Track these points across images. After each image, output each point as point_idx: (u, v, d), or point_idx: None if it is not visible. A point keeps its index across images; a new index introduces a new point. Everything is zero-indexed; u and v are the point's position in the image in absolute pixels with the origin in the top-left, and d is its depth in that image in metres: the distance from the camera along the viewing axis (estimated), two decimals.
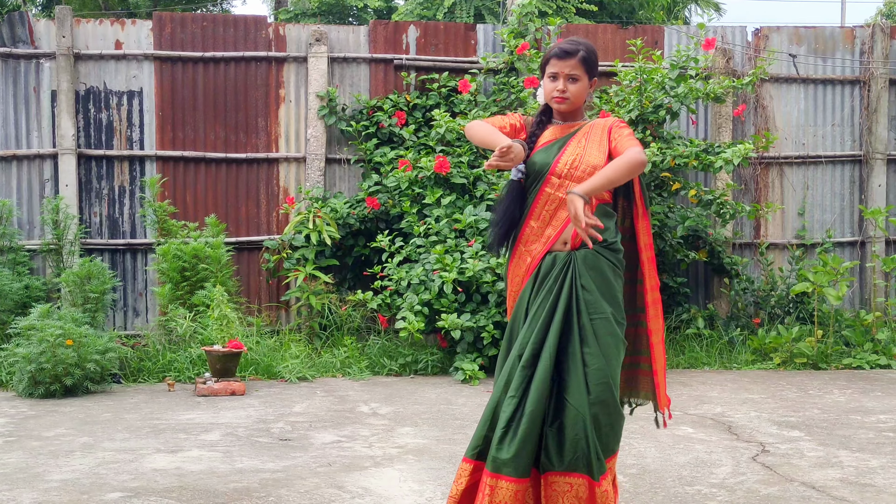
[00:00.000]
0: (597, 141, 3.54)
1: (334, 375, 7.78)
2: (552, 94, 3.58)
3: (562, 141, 3.57)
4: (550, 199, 3.52)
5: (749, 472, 4.83)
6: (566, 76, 3.55)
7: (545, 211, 3.53)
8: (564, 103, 3.58)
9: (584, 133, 3.59)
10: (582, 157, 3.51)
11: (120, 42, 8.75)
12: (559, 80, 3.56)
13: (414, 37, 9.18)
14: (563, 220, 3.49)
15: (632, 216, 3.66)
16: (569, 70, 3.54)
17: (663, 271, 8.73)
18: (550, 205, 3.52)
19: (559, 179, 3.50)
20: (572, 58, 3.54)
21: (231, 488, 4.52)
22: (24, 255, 8.36)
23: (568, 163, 3.50)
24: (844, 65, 9.64)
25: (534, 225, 3.55)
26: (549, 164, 3.52)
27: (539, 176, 3.54)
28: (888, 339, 8.54)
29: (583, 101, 3.63)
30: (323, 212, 8.47)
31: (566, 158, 3.51)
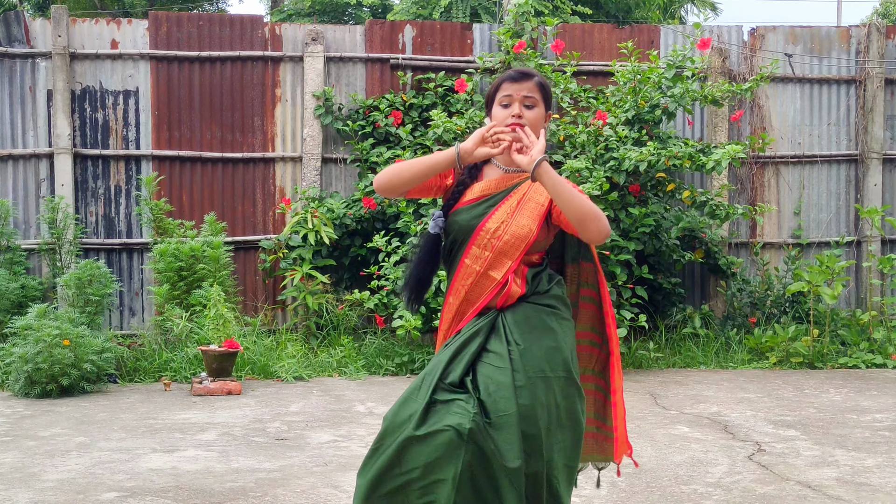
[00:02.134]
0: (533, 203, 2.95)
1: (331, 375, 7.78)
2: (506, 122, 2.94)
3: (496, 198, 2.98)
4: (468, 272, 2.95)
5: (745, 472, 4.84)
6: (522, 99, 2.97)
7: (461, 286, 2.97)
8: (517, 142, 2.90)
9: (523, 189, 2.99)
10: (509, 221, 2.92)
11: (116, 41, 8.74)
12: (514, 105, 2.96)
13: (410, 36, 9.17)
14: (480, 297, 2.94)
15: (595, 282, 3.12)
16: (525, 92, 2.97)
17: (659, 271, 8.74)
18: (466, 279, 2.96)
19: (479, 250, 2.93)
20: (528, 80, 2.98)
21: (227, 488, 4.52)
22: (21, 254, 8.35)
23: (491, 230, 2.92)
24: (840, 64, 9.65)
25: (452, 301, 3.00)
26: (473, 229, 2.94)
27: (459, 242, 2.99)
28: (884, 338, 8.55)
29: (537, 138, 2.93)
30: (320, 212, 8.47)
31: (491, 224, 2.93)
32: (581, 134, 8.24)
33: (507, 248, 2.91)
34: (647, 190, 8.51)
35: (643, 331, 8.59)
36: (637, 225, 8.12)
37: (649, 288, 8.53)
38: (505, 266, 2.91)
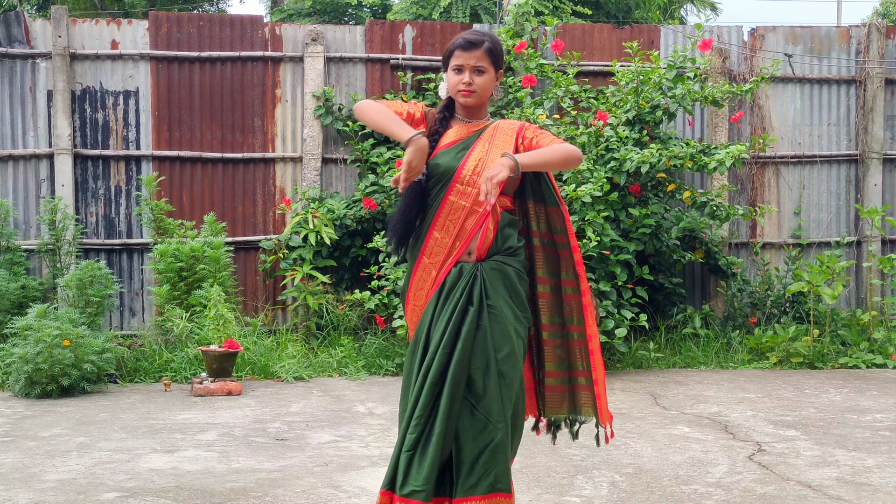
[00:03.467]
0: (502, 143, 3.33)
1: (331, 375, 7.78)
2: (457, 88, 3.34)
3: (466, 142, 3.37)
4: (455, 207, 3.30)
5: (745, 472, 4.84)
6: (472, 68, 3.32)
7: (449, 221, 3.31)
8: (471, 96, 3.35)
9: (489, 135, 3.38)
10: (485, 161, 3.30)
11: (116, 42, 8.74)
12: (464, 72, 3.33)
13: (410, 36, 9.18)
14: (469, 229, 3.29)
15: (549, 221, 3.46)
16: (474, 61, 3.32)
17: (659, 272, 8.74)
18: (455, 214, 3.30)
19: (463, 186, 3.30)
20: (478, 48, 3.32)
21: (227, 488, 4.52)
22: (21, 255, 8.35)
23: (471, 169, 3.30)
24: (840, 64, 9.65)
25: (437, 236, 3.33)
26: (454, 168, 3.32)
27: (443, 181, 3.33)
28: (884, 338, 8.55)
29: (489, 95, 3.40)
30: (320, 212, 8.47)
31: (470, 164, 3.31)
32: (581, 135, 8.24)
33: None
34: (648, 190, 8.51)
35: (643, 331, 8.59)
36: (637, 225, 8.12)
37: (650, 288, 8.53)
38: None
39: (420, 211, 3.38)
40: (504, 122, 3.44)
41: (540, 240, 3.46)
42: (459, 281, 3.28)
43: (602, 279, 7.87)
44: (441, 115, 3.46)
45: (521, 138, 3.35)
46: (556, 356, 3.52)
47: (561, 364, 3.53)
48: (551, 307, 3.49)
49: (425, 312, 3.33)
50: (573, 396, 3.57)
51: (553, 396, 3.58)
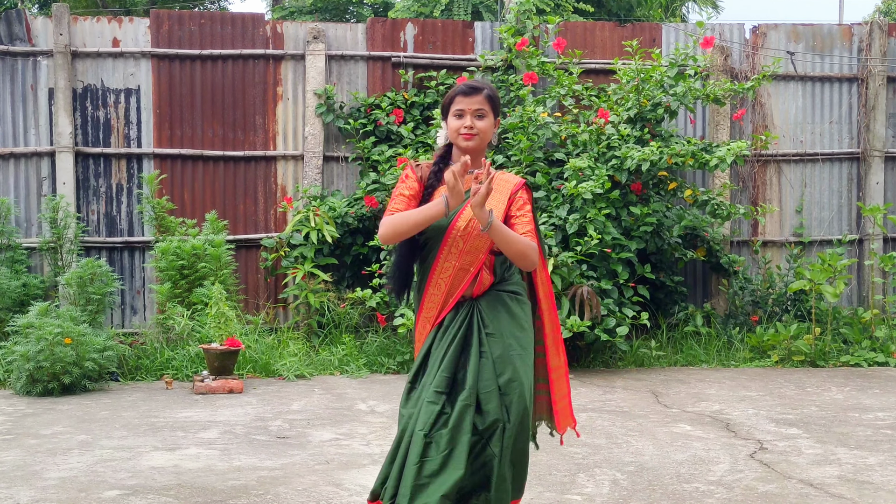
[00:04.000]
0: (495, 201, 3.39)
1: (332, 373, 7.78)
2: (459, 131, 3.39)
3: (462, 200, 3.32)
4: (445, 266, 3.37)
5: (747, 470, 4.84)
6: (473, 112, 3.39)
7: (441, 279, 3.38)
8: (473, 140, 3.39)
9: None
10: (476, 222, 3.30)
11: (117, 40, 8.74)
12: (466, 116, 3.39)
13: (412, 34, 9.17)
14: (459, 286, 3.37)
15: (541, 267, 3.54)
16: (476, 106, 3.39)
17: (661, 270, 8.73)
18: (446, 272, 3.38)
19: (454, 244, 3.35)
20: (478, 94, 3.40)
21: (229, 486, 4.52)
22: (22, 253, 8.35)
23: (462, 227, 3.34)
24: (842, 62, 9.64)
25: (433, 292, 3.41)
26: (445, 228, 3.35)
27: (436, 237, 3.38)
28: (886, 336, 8.54)
29: (489, 140, 3.45)
30: (321, 210, 8.47)
31: (461, 222, 3.34)
32: (583, 133, 8.23)
33: (478, 241, 3.34)
34: (649, 188, 8.50)
35: (645, 329, 8.59)
36: (639, 223, 8.12)
37: (651, 286, 8.52)
38: (477, 259, 3.36)
39: (413, 259, 3.48)
40: (502, 176, 3.49)
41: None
42: (457, 317, 3.39)
43: (604, 277, 7.87)
44: (436, 167, 3.48)
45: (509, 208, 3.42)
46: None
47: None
48: None
49: (424, 344, 3.43)
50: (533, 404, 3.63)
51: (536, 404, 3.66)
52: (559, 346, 3.60)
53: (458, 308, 3.39)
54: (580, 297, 7.51)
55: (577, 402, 6.63)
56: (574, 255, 7.61)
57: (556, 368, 3.59)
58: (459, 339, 3.33)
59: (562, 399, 3.63)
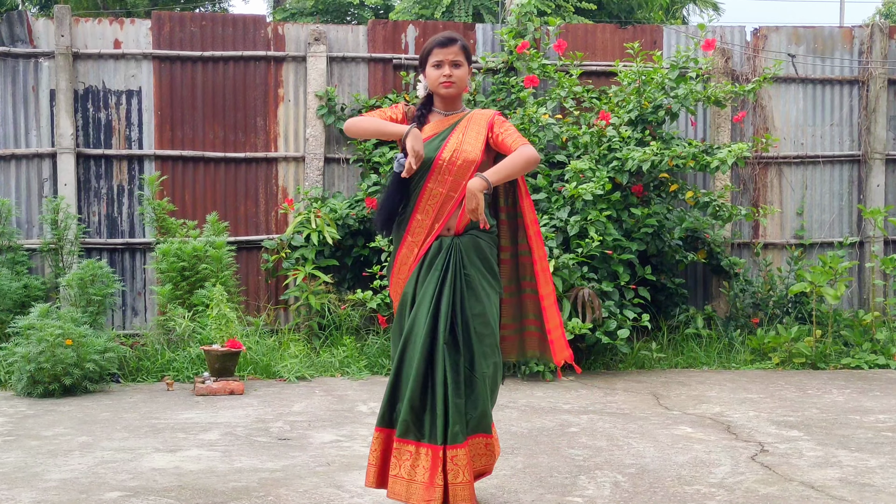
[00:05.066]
0: (475, 132, 3.77)
1: (333, 375, 7.78)
2: (439, 80, 3.79)
3: (444, 134, 3.79)
4: (433, 193, 3.75)
5: (748, 472, 4.83)
6: (450, 62, 3.78)
7: (429, 205, 3.76)
8: (452, 87, 3.79)
9: (463, 125, 3.82)
10: (460, 149, 3.74)
11: (119, 41, 8.74)
12: (444, 66, 3.78)
13: (413, 36, 9.17)
14: (446, 211, 3.75)
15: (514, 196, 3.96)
16: (452, 56, 3.78)
17: (661, 272, 8.73)
18: (434, 199, 3.76)
19: (441, 174, 3.73)
20: (454, 45, 3.79)
21: (230, 487, 4.52)
22: (23, 254, 8.36)
23: (447, 157, 3.73)
24: (843, 65, 9.65)
25: (420, 218, 3.78)
26: (432, 159, 3.74)
27: (422, 171, 3.75)
28: (887, 338, 8.54)
29: (465, 87, 3.86)
30: (322, 212, 8.47)
31: (446, 153, 3.74)
32: (584, 135, 8.24)
33: (461, 170, 3.71)
34: (650, 190, 8.51)
35: (646, 331, 8.59)
36: (640, 225, 8.12)
37: (652, 288, 8.53)
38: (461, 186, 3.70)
39: (402, 198, 3.83)
40: (478, 112, 3.88)
41: (506, 214, 4.00)
42: (440, 253, 3.76)
43: (605, 279, 7.88)
44: (419, 111, 3.89)
45: (490, 133, 3.80)
46: (510, 311, 4.08)
47: (515, 317, 4.10)
48: (510, 271, 4.05)
49: (409, 280, 3.80)
50: (522, 343, 4.15)
51: (505, 345, 4.09)
52: (547, 274, 3.98)
53: (440, 242, 3.77)
54: (581, 300, 7.52)
55: (577, 404, 6.63)
56: (575, 257, 7.61)
57: (548, 296, 3.96)
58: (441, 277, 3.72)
59: (555, 329, 3.99)
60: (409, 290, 3.80)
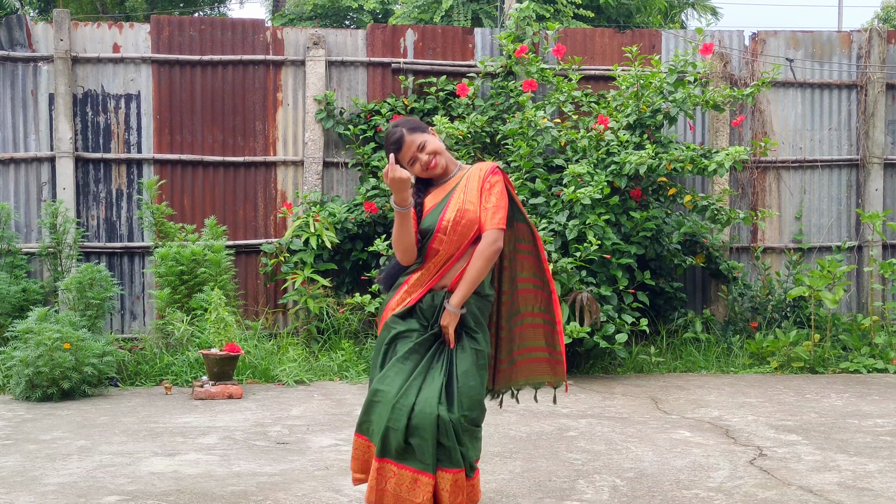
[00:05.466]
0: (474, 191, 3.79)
1: (332, 379, 7.78)
2: (423, 174, 3.81)
3: (443, 202, 3.80)
4: (435, 253, 3.79)
5: (746, 476, 4.83)
6: (416, 152, 3.76)
7: (431, 263, 3.80)
8: (437, 167, 3.80)
9: (463, 185, 3.82)
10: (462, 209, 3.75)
11: (118, 45, 8.75)
12: (416, 160, 3.77)
13: (412, 41, 9.18)
14: (443, 268, 3.79)
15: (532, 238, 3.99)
16: (414, 148, 3.76)
17: (660, 276, 8.74)
18: (434, 256, 3.79)
19: (444, 236, 3.75)
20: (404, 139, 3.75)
21: (228, 492, 4.52)
22: (22, 258, 8.35)
23: (450, 220, 3.75)
24: (841, 69, 9.66)
25: (421, 273, 3.82)
26: (435, 224, 3.77)
27: (427, 236, 3.80)
28: (885, 342, 8.54)
29: (444, 150, 3.84)
30: (321, 216, 8.47)
31: (448, 216, 3.75)
32: (582, 139, 8.24)
33: (465, 229, 3.74)
34: (649, 194, 8.51)
35: (644, 335, 8.59)
36: (638, 229, 8.13)
37: (651, 292, 8.53)
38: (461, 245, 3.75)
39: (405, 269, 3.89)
40: (474, 169, 3.87)
41: (508, 260, 4.01)
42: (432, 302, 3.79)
43: (603, 283, 7.88)
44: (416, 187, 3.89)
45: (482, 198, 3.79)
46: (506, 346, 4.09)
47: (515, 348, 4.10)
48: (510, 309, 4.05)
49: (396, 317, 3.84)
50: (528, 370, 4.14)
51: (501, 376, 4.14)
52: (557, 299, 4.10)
53: (432, 296, 3.80)
54: (580, 304, 7.52)
55: (576, 409, 6.63)
56: (573, 262, 7.61)
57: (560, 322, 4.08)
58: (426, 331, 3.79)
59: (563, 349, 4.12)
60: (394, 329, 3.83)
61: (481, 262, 3.71)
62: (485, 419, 3.89)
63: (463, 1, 16.23)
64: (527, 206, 8.14)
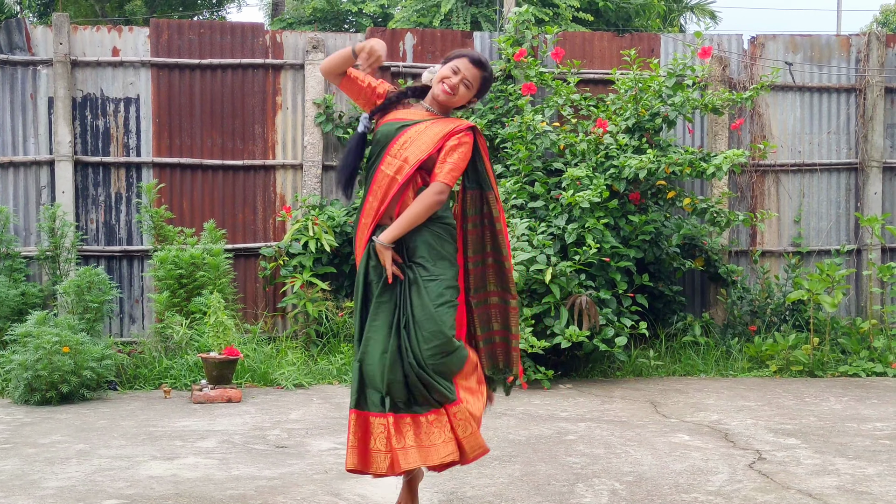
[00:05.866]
0: (433, 134, 3.78)
1: (331, 382, 7.78)
2: (444, 84, 3.82)
3: (410, 123, 3.83)
4: (383, 175, 3.81)
5: (745, 480, 4.83)
6: (466, 79, 3.82)
7: (378, 188, 3.84)
8: (450, 97, 3.83)
9: (429, 122, 3.84)
10: (414, 142, 3.77)
11: (117, 49, 8.75)
12: (458, 77, 3.81)
13: (411, 44, 9.19)
14: (390, 197, 3.80)
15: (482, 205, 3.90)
16: (471, 77, 3.82)
17: (659, 279, 8.74)
18: (383, 181, 3.82)
19: (393, 159, 3.79)
20: (482, 70, 3.84)
21: (227, 495, 4.52)
22: (21, 261, 8.35)
23: (401, 144, 3.78)
24: (840, 73, 9.67)
25: (370, 200, 3.88)
26: (389, 141, 3.80)
27: (378, 152, 3.85)
28: (884, 346, 8.55)
29: (457, 106, 3.92)
30: (320, 219, 8.47)
31: (403, 140, 3.79)
32: (581, 142, 8.25)
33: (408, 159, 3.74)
34: (648, 198, 8.52)
35: (643, 339, 8.59)
36: (637, 233, 8.13)
37: (649, 296, 8.53)
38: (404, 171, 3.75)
39: (360, 157, 3.97)
40: (450, 121, 3.87)
41: (472, 223, 3.93)
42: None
43: (602, 287, 7.88)
44: (406, 90, 3.97)
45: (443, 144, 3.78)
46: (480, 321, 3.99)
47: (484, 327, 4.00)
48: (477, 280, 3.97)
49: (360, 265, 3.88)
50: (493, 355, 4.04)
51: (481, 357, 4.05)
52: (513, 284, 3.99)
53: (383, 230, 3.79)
54: (578, 307, 7.52)
55: (575, 412, 6.63)
56: (572, 265, 7.61)
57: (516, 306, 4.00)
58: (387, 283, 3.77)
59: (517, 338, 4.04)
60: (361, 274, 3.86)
61: (421, 207, 3.72)
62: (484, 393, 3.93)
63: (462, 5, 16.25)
64: (526, 210, 8.15)
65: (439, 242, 3.81)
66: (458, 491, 4.56)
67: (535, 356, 7.64)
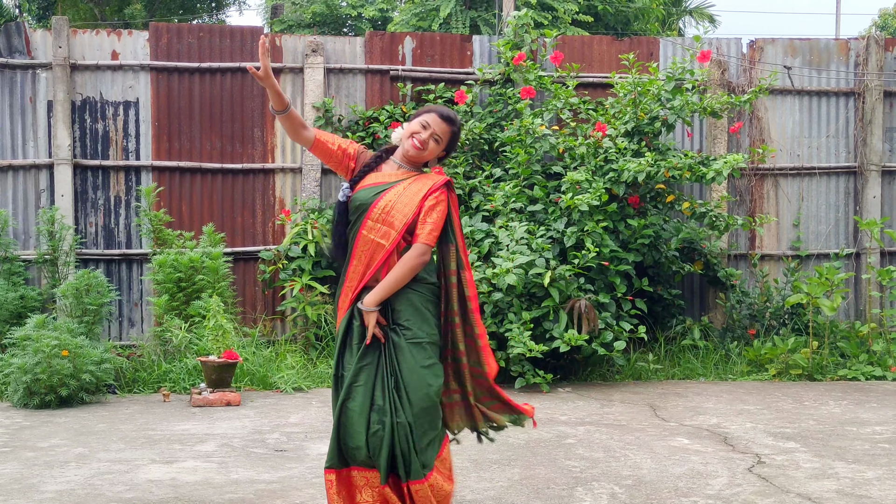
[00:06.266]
0: (412, 194, 3.78)
1: (329, 386, 7.75)
2: (414, 139, 3.81)
3: (387, 186, 3.81)
4: (366, 240, 3.77)
5: (745, 484, 4.83)
6: (435, 134, 3.81)
7: (363, 252, 3.78)
8: (418, 152, 3.81)
9: (408, 183, 3.82)
10: (396, 204, 3.75)
11: (116, 52, 8.76)
12: (427, 131, 3.81)
13: (410, 48, 9.20)
14: (377, 261, 3.75)
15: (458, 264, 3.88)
16: (441, 132, 3.82)
17: (658, 283, 8.74)
18: (366, 246, 3.77)
19: (374, 223, 3.76)
20: (450, 125, 3.85)
21: (226, 499, 4.51)
22: (20, 265, 8.35)
23: (381, 208, 3.76)
24: (839, 77, 9.68)
25: (356, 264, 3.81)
26: (368, 206, 3.78)
27: (358, 216, 3.81)
28: (883, 350, 8.55)
29: (426, 161, 3.88)
30: (319, 223, 8.48)
31: (381, 204, 3.77)
32: (580, 146, 8.25)
33: (394, 222, 3.72)
34: (647, 201, 8.52)
35: (643, 342, 8.59)
36: (636, 236, 8.13)
37: (649, 300, 8.53)
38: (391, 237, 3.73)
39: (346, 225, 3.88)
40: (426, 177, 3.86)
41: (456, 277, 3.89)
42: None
43: (601, 290, 7.88)
44: (378, 154, 3.96)
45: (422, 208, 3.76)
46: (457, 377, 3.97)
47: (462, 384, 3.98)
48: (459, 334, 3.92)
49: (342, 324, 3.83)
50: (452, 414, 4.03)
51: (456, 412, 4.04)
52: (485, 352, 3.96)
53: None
54: (578, 311, 7.52)
55: (574, 416, 6.63)
56: (572, 269, 7.62)
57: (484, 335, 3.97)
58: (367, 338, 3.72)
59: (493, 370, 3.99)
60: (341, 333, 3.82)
61: (404, 269, 3.71)
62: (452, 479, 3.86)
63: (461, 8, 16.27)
64: (525, 214, 8.15)
65: (423, 303, 3.80)
66: (458, 494, 4.56)
67: (534, 360, 7.65)
